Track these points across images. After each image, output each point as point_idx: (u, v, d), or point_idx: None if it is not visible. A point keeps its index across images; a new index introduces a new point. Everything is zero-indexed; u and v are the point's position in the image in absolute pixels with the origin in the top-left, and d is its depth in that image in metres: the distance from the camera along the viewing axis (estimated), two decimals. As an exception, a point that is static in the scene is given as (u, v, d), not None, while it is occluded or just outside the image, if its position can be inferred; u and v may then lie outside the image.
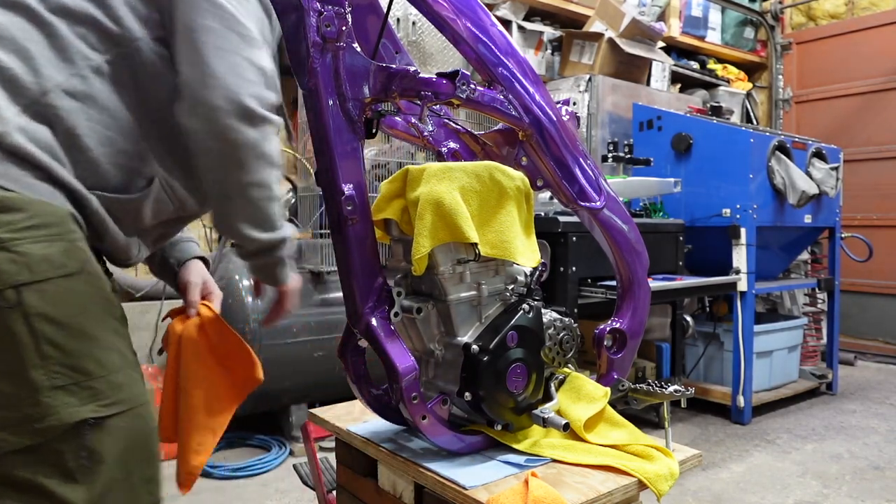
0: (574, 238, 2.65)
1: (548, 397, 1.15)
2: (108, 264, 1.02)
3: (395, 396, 1.01)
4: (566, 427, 1.08)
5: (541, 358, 1.12)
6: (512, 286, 1.12)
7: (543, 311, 1.15)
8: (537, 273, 1.15)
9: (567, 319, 1.17)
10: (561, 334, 1.14)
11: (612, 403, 1.19)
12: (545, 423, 1.10)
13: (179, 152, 0.98)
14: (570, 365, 1.18)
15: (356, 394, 1.15)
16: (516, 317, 1.09)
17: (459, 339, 1.07)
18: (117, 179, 0.94)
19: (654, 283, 2.89)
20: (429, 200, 1.01)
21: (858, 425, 3.19)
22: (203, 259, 1.30)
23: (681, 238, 3.12)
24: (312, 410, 1.34)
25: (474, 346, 1.04)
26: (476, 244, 1.04)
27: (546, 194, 2.81)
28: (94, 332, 0.87)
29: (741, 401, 3.18)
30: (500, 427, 1.09)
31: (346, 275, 1.02)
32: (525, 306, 1.10)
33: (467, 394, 1.04)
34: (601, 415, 1.13)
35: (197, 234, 3.48)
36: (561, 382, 1.17)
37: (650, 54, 4.02)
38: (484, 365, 1.04)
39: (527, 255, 1.12)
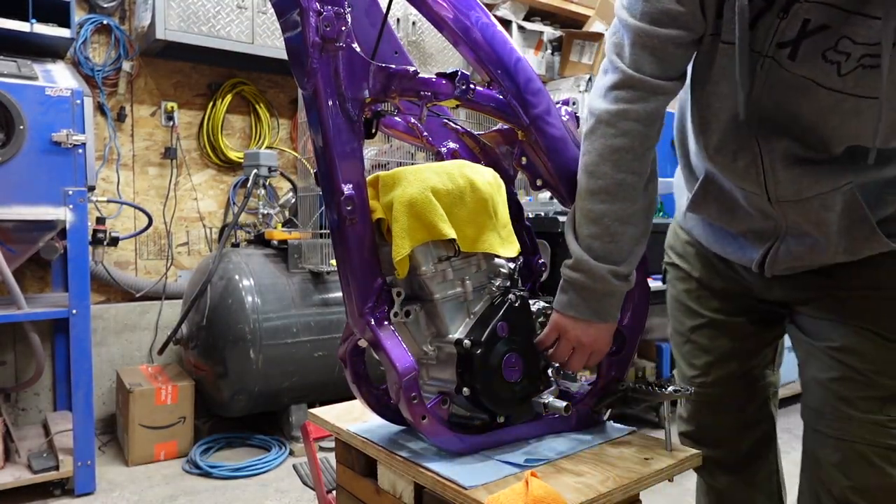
0: (574, 238, 2.65)
1: (546, 384, 1.15)
2: None
3: (394, 396, 1.01)
4: (567, 409, 1.09)
5: (534, 346, 1.13)
6: (497, 280, 1.12)
7: (531, 301, 1.16)
8: (519, 263, 1.16)
9: None
10: None
11: (612, 404, 1.19)
12: (546, 408, 1.11)
13: None
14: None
15: (356, 394, 1.15)
16: (504, 308, 1.09)
17: (451, 336, 1.07)
18: None
19: (654, 283, 2.88)
20: (402, 202, 1.02)
21: (858, 425, 3.18)
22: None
23: (681, 238, 3.11)
24: (312, 410, 1.34)
25: (466, 341, 1.04)
26: (454, 240, 1.05)
27: (546, 194, 2.81)
28: None
29: (741, 401, 3.17)
30: (502, 419, 1.10)
31: (345, 275, 1.02)
32: (511, 297, 1.11)
33: (465, 389, 1.04)
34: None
35: (197, 235, 3.48)
36: (558, 370, 1.18)
37: (650, 54, 4.02)
38: (478, 358, 1.04)
39: (506, 247, 1.13)
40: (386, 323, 1.03)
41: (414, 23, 3.57)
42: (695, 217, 1.30)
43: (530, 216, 2.58)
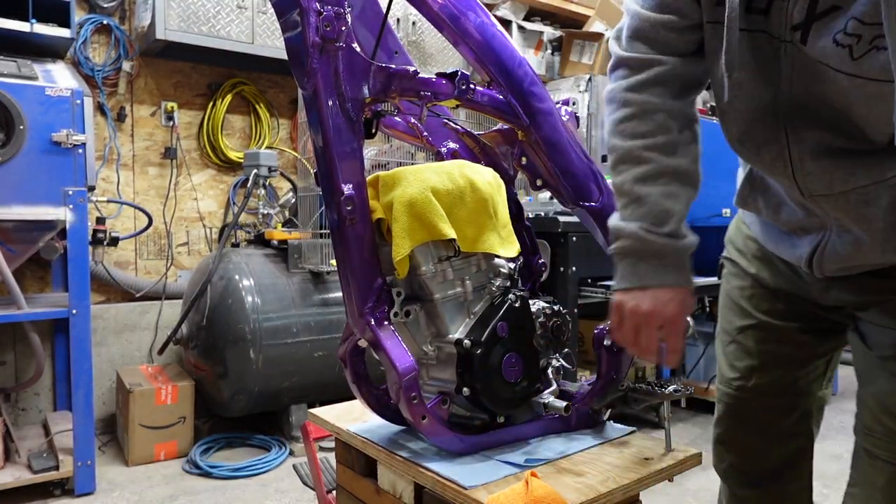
0: (574, 238, 2.65)
1: (547, 384, 1.16)
2: None
3: (394, 396, 1.01)
4: (567, 409, 1.09)
5: (534, 346, 1.13)
6: (497, 280, 1.13)
7: (531, 301, 1.16)
8: (519, 263, 1.16)
9: (556, 307, 1.18)
10: (552, 322, 1.15)
11: (611, 403, 1.19)
12: (546, 408, 1.11)
13: None
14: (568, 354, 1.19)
15: (356, 394, 1.15)
16: (504, 308, 1.09)
17: (451, 336, 1.07)
18: None
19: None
20: (402, 202, 1.02)
21: (858, 425, 3.18)
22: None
23: (681, 238, 3.11)
24: (312, 410, 1.34)
25: (466, 341, 1.05)
26: (454, 240, 1.05)
27: (546, 194, 2.81)
28: None
29: (741, 401, 3.17)
30: (502, 419, 1.10)
31: (345, 275, 1.02)
32: (511, 297, 1.11)
33: (465, 389, 1.05)
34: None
35: (197, 235, 3.48)
36: (558, 370, 1.18)
37: (650, 54, 4.02)
38: (478, 358, 1.04)
39: (506, 247, 1.13)
40: (386, 323, 1.03)
41: (414, 23, 3.57)
42: (749, 213, 1.23)
43: (530, 216, 2.58)
